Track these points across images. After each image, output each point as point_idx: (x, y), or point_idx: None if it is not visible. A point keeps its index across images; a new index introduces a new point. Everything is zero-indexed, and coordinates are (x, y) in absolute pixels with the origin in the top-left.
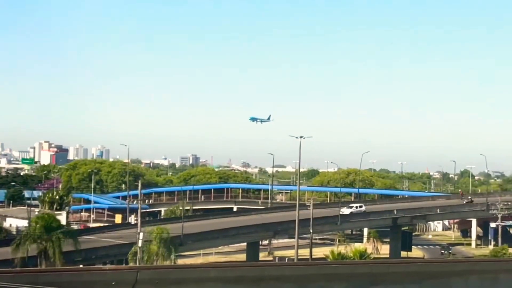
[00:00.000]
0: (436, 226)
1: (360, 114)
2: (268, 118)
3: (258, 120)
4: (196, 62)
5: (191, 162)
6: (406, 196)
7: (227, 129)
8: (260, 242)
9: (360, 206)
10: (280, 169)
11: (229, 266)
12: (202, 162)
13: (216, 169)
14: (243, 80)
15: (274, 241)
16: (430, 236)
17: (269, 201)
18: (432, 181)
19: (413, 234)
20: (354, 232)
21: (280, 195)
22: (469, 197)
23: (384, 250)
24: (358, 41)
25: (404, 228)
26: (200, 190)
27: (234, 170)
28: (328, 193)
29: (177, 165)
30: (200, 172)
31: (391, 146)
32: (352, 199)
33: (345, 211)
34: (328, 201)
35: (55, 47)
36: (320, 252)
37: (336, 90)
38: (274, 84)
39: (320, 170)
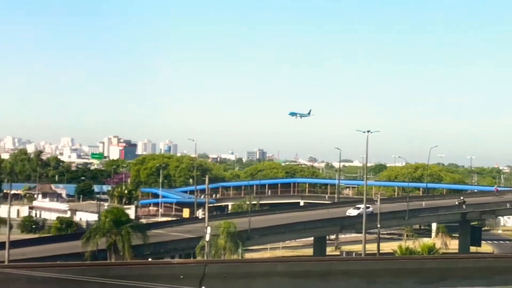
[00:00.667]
0: (506, 221)
1: (428, 109)
2: (309, 113)
3: (297, 115)
4: (263, 58)
5: (258, 157)
6: (475, 190)
7: (293, 124)
8: (327, 237)
9: (368, 207)
10: (347, 164)
11: (296, 260)
12: (268, 156)
13: (283, 164)
14: (308, 76)
15: (341, 236)
16: (500, 231)
17: (336, 195)
18: (502, 175)
19: (483, 229)
20: (422, 227)
21: (347, 189)
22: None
23: (453, 245)
24: (419, 31)
25: (474, 223)
26: (267, 185)
27: (301, 164)
28: (396, 187)
29: (244, 160)
30: (267, 166)
31: (460, 141)
32: (420, 194)
33: (352, 212)
34: (396, 196)
35: (125, 43)
36: (387, 247)
37: (404, 84)
38: (338, 79)
39: (388, 165)
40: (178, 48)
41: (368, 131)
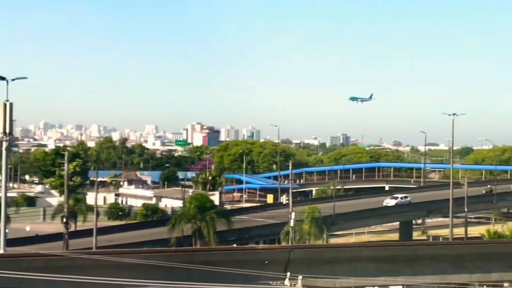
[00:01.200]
0: None
1: None
2: (370, 97)
3: (358, 100)
4: (344, 42)
5: (341, 142)
6: None
7: (377, 108)
8: (414, 221)
9: (406, 197)
10: (432, 147)
11: (382, 245)
12: (352, 141)
13: (367, 148)
14: (392, 58)
15: (428, 220)
16: None
17: (421, 179)
18: None
19: None
20: (510, 211)
21: (433, 173)
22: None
23: None
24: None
25: None
26: (351, 170)
27: (385, 149)
28: (483, 171)
29: (327, 145)
30: (351, 151)
31: None
32: (508, 177)
33: (390, 202)
34: (483, 179)
35: (208, 30)
36: (475, 231)
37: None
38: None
39: (474, 148)
40: (262, 34)
41: (454, 114)
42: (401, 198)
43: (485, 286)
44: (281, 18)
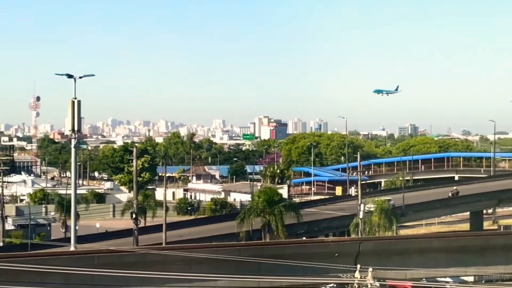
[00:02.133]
0: None
1: None
2: (396, 89)
3: (384, 92)
4: (411, 33)
5: (409, 132)
6: None
7: (446, 98)
8: (484, 211)
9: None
10: (502, 136)
11: (453, 236)
12: (420, 131)
13: (436, 138)
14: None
15: (499, 210)
16: None
17: (491, 169)
18: None
19: None
20: None
21: (503, 162)
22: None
23: None
24: None
25: None
26: (419, 160)
27: (454, 138)
28: None
29: (396, 136)
30: (419, 141)
31: None
32: None
33: None
34: None
35: (275, 24)
36: None
37: None
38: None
39: None
40: (329, 27)
41: None
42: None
43: None
44: (350, 12)
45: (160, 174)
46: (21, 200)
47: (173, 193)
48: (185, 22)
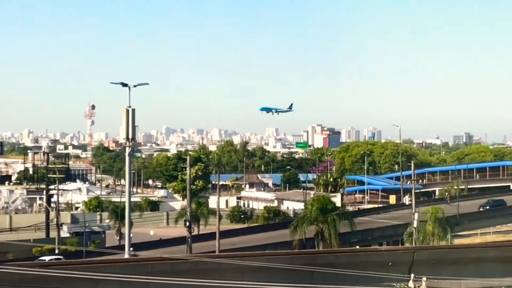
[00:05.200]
0: None
1: None
2: (290, 107)
3: (273, 111)
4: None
5: (464, 141)
6: None
7: (501, 106)
8: None
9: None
10: None
11: (509, 245)
12: (476, 140)
13: (491, 147)
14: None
15: None
16: None
17: None
18: None
19: None
20: None
21: None
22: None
23: None
24: None
25: None
26: (474, 169)
27: (510, 147)
28: None
29: (450, 144)
30: (474, 150)
31: None
32: None
33: None
34: None
35: (328, 30)
36: None
37: None
38: None
39: None
40: (381, 34)
41: None
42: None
43: None
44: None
45: (213, 182)
46: (76, 208)
47: (226, 201)
48: (238, 30)
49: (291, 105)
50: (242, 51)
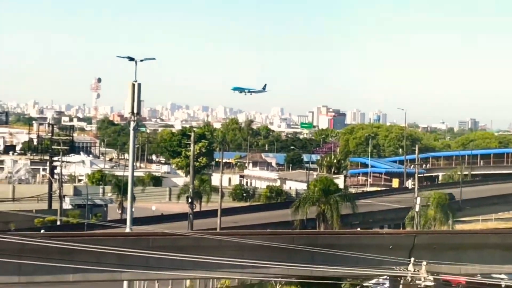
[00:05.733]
0: None
1: None
2: (264, 88)
3: (246, 91)
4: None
5: (469, 127)
6: None
7: (508, 93)
8: None
9: None
10: None
11: (510, 232)
12: (481, 126)
13: (496, 134)
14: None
15: None
16: None
17: None
18: None
19: None
20: None
21: None
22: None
23: None
24: None
25: None
26: (479, 155)
27: None
28: None
29: (455, 130)
30: (479, 136)
31: None
32: None
33: None
34: None
35: (336, 12)
36: None
37: None
38: None
39: None
40: (390, 17)
41: None
42: None
43: None
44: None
45: (216, 160)
46: (79, 180)
47: (229, 179)
48: (245, 7)
49: (265, 85)
50: (249, 28)
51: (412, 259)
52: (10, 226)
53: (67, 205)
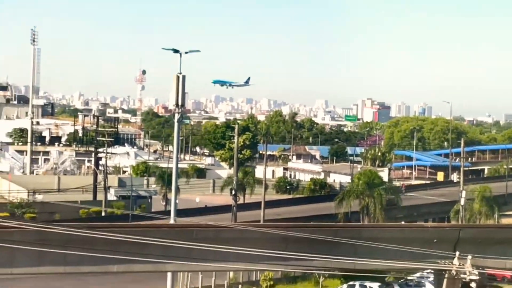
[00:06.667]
0: None
1: None
2: (247, 82)
3: (227, 84)
4: None
5: None
6: None
7: None
8: None
9: None
10: None
11: None
12: None
13: None
14: None
15: None
16: None
17: None
18: None
19: None
20: None
21: None
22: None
23: None
24: None
25: None
26: None
27: None
28: None
29: (502, 123)
30: None
31: None
32: None
33: None
34: None
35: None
36: None
37: None
38: None
39: None
40: (433, 8)
41: None
42: None
43: None
44: None
45: (260, 152)
46: (124, 172)
47: (273, 171)
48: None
49: (248, 78)
50: (297, 22)
51: (457, 253)
52: (56, 217)
53: (111, 196)
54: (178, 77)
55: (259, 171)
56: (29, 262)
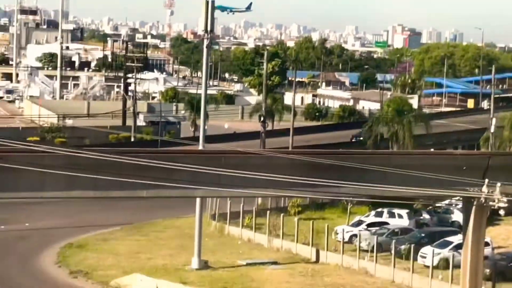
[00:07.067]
0: None
1: None
2: (248, 7)
3: (228, 10)
4: None
5: None
6: None
7: None
8: None
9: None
10: None
11: None
12: None
13: None
14: None
15: None
16: None
17: None
18: None
19: None
20: None
21: None
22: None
23: None
24: None
25: None
26: None
27: None
28: None
29: None
30: None
31: None
32: None
33: None
34: None
35: None
36: None
37: None
38: None
39: None
40: None
41: None
42: None
43: None
44: None
45: (289, 79)
46: (153, 98)
47: (302, 98)
48: None
49: (250, 4)
50: None
51: (486, 180)
52: (85, 142)
53: (140, 122)
54: (207, 2)
55: (288, 98)
56: (59, 186)
